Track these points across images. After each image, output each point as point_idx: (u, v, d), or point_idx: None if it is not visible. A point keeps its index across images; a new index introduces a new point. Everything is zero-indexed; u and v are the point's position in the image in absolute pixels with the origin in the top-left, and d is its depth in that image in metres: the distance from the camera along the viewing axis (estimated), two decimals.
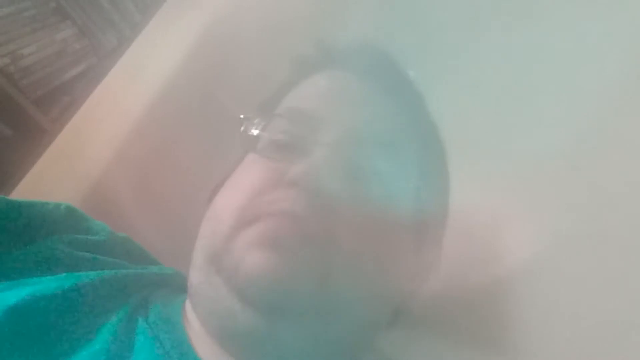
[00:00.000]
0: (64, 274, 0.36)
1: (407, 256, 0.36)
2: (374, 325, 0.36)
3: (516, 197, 0.47)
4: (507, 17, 0.51)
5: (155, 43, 0.68)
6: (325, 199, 0.30)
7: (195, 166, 0.56)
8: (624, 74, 0.45)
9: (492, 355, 0.44)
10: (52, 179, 0.60)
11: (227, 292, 0.30)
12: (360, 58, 0.39)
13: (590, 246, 0.43)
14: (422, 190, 0.36)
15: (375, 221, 0.32)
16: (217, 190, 0.37)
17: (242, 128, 0.37)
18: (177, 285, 0.41)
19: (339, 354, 0.34)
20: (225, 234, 0.32)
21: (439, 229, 0.40)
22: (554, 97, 0.48)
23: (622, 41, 0.46)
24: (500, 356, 0.44)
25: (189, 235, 0.36)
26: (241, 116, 0.37)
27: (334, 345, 0.33)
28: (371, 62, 0.39)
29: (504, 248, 0.47)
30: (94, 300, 0.35)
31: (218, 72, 0.59)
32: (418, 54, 0.40)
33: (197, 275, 0.34)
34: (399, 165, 0.35)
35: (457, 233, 0.40)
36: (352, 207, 0.31)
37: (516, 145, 0.48)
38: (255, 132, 0.37)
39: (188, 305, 0.36)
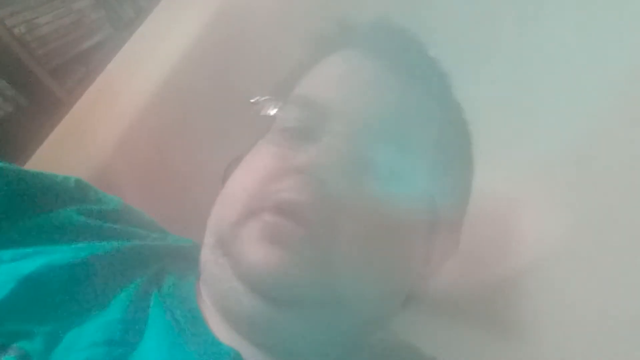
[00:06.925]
0: (80, 244, 0.36)
1: (417, 246, 0.36)
2: (385, 312, 0.36)
3: (534, 186, 0.46)
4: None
5: (172, 14, 0.67)
6: (331, 188, 0.30)
7: (211, 141, 0.55)
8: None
9: (505, 341, 0.45)
10: (67, 149, 0.60)
11: (232, 275, 0.30)
12: (378, 37, 0.38)
13: (608, 236, 0.43)
14: (435, 183, 0.35)
15: (382, 215, 0.32)
16: (231, 169, 0.37)
17: (254, 112, 0.37)
18: (193, 258, 0.40)
19: (349, 340, 0.34)
20: (233, 220, 0.32)
21: (456, 218, 0.39)
22: (571, 90, 0.47)
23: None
24: (512, 342, 0.44)
25: (203, 212, 0.36)
26: (252, 100, 0.37)
27: (344, 333, 0.33)
28: (390, 40, 0.38)
29: (520, 236, 0.47)
30: (109, 271, 0.35)
31: (236, 44, 0.58)
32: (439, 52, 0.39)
33: (206, 254, 0.34)
34: (413, 158, 0.34)
35: (473, 221, 0.39)
36: (357, 198, 0.31)
37: (535, 134, 0.47)
38: (268, 113, 0.36)
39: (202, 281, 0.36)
